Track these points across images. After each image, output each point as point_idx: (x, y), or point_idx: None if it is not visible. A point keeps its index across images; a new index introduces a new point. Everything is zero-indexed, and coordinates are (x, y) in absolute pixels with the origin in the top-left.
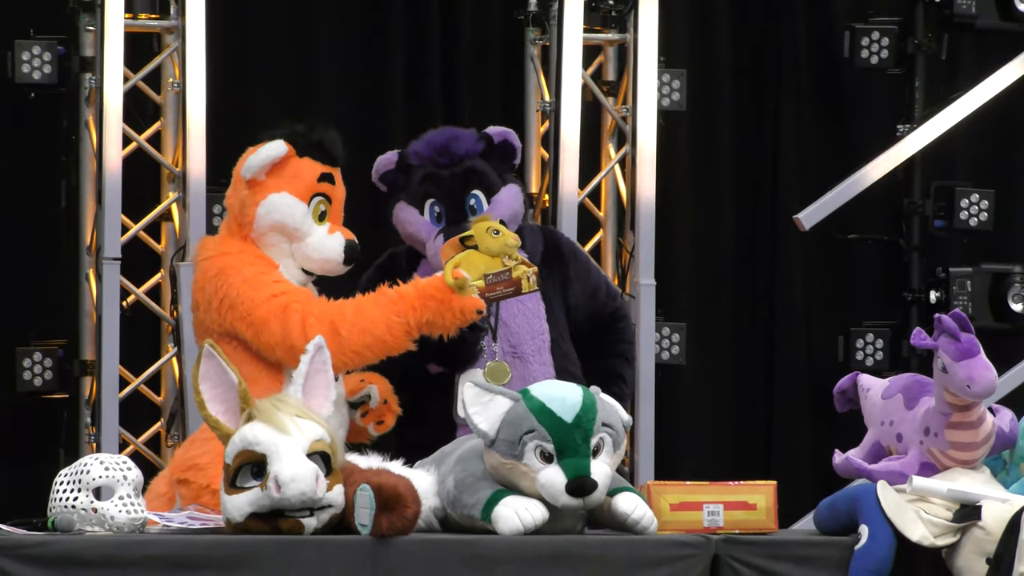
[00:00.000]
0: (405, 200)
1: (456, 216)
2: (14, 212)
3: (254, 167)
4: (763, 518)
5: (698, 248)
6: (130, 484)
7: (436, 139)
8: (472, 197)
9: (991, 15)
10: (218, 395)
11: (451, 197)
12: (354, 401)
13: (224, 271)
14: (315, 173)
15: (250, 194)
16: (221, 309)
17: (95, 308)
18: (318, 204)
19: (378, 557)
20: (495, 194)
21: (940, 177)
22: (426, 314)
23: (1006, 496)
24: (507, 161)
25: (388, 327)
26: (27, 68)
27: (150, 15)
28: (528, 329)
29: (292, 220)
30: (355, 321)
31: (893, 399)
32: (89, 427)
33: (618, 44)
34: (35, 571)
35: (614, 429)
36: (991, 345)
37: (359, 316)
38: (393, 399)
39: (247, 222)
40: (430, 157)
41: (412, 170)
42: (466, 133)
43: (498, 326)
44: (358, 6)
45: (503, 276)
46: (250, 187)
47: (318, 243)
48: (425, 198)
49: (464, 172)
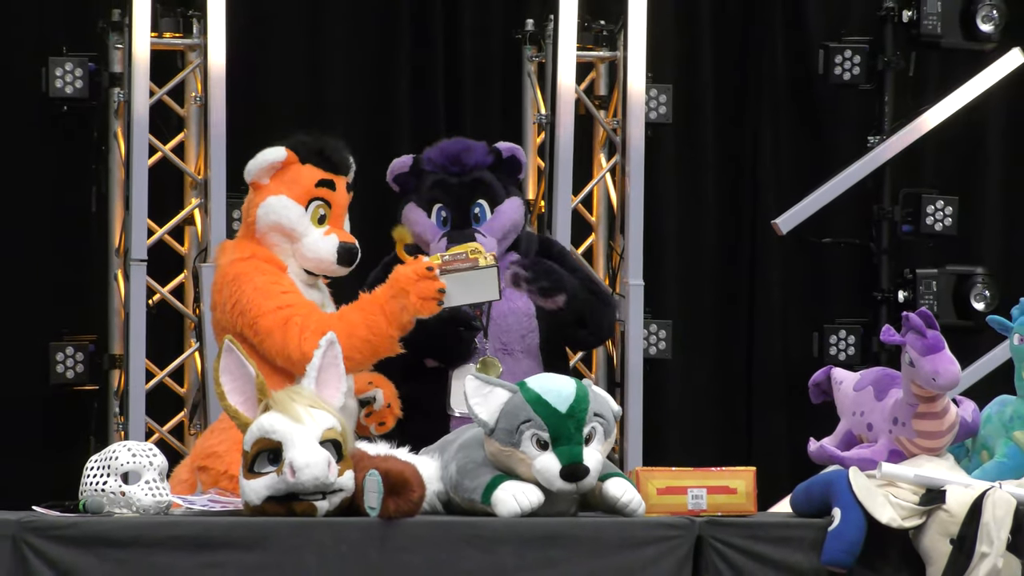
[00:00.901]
0: (415, 202)
1: (461, 222)
2: (48, 216)
3: (253, 170)
4: (743, 502)
5: (683, 251)
6: (155, 469)
7: (449, 148)
8: (477, 206)
9: (955, 35)
10: (237, 387)
11: (458, 204)
12: (361, 400)
13: (239, 277)
14: (314, 179)
15: (253, 196)
16: (233, 313)
17: (123, 306)
18: (317, 208)
19: (386, 537)
20: (499, 204)
21: (908, 185)
22: (394, 303)
23: (969, 481)
24: (513, 175)
25: (368, 327)
26: (60, 83)
27: (174, 34)
28: (518, 327)
29: (288, 222)
30: (340, 328)
31: (864, 391)
32: (117, 416)
33: (609, 61)
34: (67, 550)
35: (605, 419)
36: (955, 341)
37: (343, 323)
38: (396, 403)
39: (251, 222)
40: (442, 165)
41: (424, 175)
42: (478, 145)
43: (489, 324)
44: (369, 26)
45: (459, 255)
46: (253, 189)
47: (312, 244)
48: (433, 202)
49: (472, 182)
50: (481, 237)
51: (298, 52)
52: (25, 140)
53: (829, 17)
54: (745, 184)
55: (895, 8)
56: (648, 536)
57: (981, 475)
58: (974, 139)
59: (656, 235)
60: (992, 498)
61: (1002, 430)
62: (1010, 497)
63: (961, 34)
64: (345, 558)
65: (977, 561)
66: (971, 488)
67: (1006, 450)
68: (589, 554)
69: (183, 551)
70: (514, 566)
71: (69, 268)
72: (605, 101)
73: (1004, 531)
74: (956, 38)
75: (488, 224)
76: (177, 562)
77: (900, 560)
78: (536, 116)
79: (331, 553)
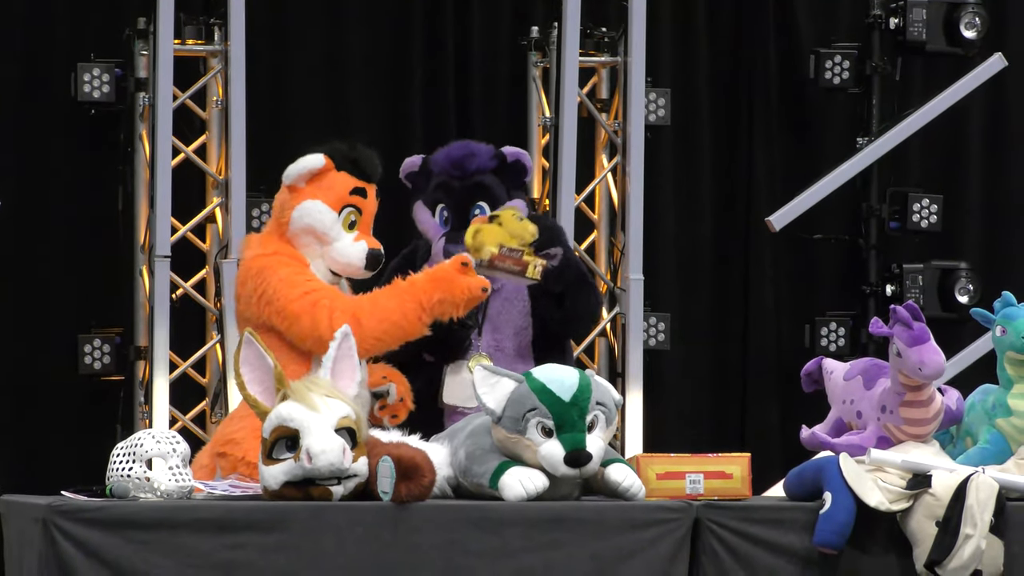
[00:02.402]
0: (422, 200)
1: (460, 223)
2: (76, 215)
3: (292, 175)
4: (739, 486)
5: (681, 247)
6: (179, 456)
7: (454, 153)
8: (477, 207)
9: (939, 40)
10: (257, 377)
11: (458, 206)
12: (374, 392)
13: (263, 270)
14: (349, 186)
15: (288, 198)
16: (260, 304)
17: (148, 300)
18: (348, 214)
19: (398, 520)
20: (499, 206)
21: (895, 184)
22: (436, 294)
23: (953, 466)
24: (518, 178)
25: (403, 313)
26: (88, 88)
27: (197, 41)
28: (512, 327)
29: (321, 225)
30: (372, 312)
31: (854, 380)
32: (142, 405)
33: (610, 66)
34: (95, 533)
35: (607, 407)
36: (940, 333)
37: (376, 307)
38: (408, 396)
39: (284, 222)
40: (446, 168)
41: (431, 176)
42: (483, 149)
43: (484, 322)
44: (383, 32)
45: (515, 254)
46: (290, 192)
47: (343, 249)
48: (437, 203)
49: (473, 185)
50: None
51: (315, 57)
52: (55, 142)
53: (819, 24)
54: (740, 183)
55: (882, 15)
56: (648, 519)
57: (965, 460)
58: (958, 140)
59: (655, 232)
60: (976, 482)
61: (985, 417)
62: (993, 481)
63: (945, 40)
64: (360, 540)
65: (961, 542)
66: (956, 473)
67: (989, 437)
68: (592, 536)
69: (205, 533)
70: (520, 547)
71: (97, 264)
72: (607, 104)
73: (987, 514)
74: (940, 44)
75: None
76: (199, 544)
77: (888, 541)
78: (541, 118)
79: (346, 535)
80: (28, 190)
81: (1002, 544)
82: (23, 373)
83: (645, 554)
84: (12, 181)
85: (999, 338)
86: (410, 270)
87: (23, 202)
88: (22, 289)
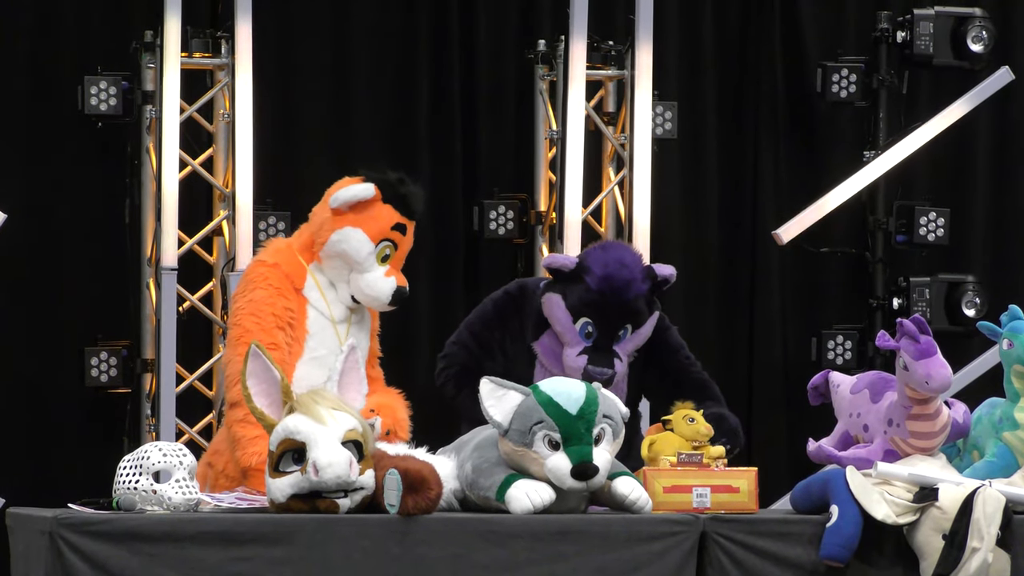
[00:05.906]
0: (564, 300)
1: (605, 343)
2: (84, 227)
3: (341, 199)
4: (745, 500)
5: (688, 260)
6: (185, 468)
7: (614, 276)
8: (623, 330)
9: (946, 54)
10: (263, 390)
11: (608, 328)
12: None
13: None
14: (391, 221)
15: (330, 219)
16: (229, 310)
17: (155, 312)
18: (384, 248)
19: (405, 533)
20: (641, 326)
21: (901, 197)
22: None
23: (960, 480)
24: (661, 293)
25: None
26: (95, 101)
27: (203, 54)
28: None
29: (357, 255)
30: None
31: (860, 393)
32: (149, 418)
33: (617, 80)
34: (101, 545)
35: (614, 420)
36: (946, 346)
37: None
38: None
39: (321, 241)
40: (602, 291)
41: (584, 285)
42: (639, 274)
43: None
44: (390, 46)
45: (695, 458)
46: (334, 214)
47: (372, 281)
48: (582, 315)
49: (625, 312)
50: (617, 361)
51: (323, 72)
52: (62, 155)
53: (826, 38)
54: (747, 196)
55: (889, 29)
56: (655, 532)
57: (972, 474)
58: (965, 153)
59: (662, 244)
60: (982, 495)
61: (992, 431)
62: (999, 495)
63: (952, 54)
64: (367, 553)
65: (968, 556)
66: (962, 486)
67: (996, 450)
68: (598, 549)
69: (212, 546)
70: (527, 560)
71: (104, 277)
72: (613, 117)
73: (994, 527)
74: (947, 57)
75: (624, 343)
76: (206, 557)
77: (895, 555)
78: (548, 132)
79: (353, 548)
80: (35, 202)
81: (1008, 557)
82: (30, 385)
83: (652, 567)
84: (19, 193)
85: (1006, 351)
86: (514, 315)
87: (30, 214)
88: (29, 302)
